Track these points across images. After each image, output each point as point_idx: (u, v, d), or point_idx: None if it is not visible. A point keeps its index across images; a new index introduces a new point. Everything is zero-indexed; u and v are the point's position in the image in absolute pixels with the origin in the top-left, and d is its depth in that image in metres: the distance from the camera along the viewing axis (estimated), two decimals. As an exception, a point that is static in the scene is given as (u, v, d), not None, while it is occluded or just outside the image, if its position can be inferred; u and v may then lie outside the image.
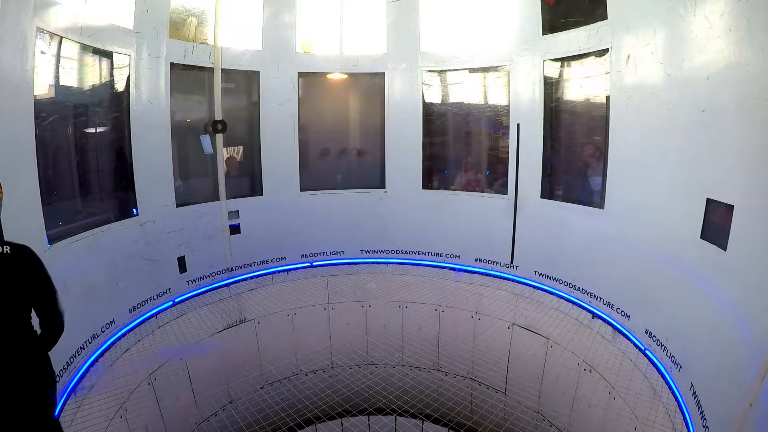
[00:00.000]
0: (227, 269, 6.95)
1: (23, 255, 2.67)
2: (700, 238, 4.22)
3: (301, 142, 7.40)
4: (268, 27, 6.93)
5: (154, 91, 5.86)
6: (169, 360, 5.83)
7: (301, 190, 7.51)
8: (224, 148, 6.80)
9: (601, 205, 5.75)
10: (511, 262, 7.01)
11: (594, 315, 5.87)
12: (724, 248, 3.89)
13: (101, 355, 5.13)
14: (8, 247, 2.62)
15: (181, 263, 6.39)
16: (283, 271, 7.46)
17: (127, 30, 5.44)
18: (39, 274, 2.72)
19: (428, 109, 7.53)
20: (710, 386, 4.00)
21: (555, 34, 6.12)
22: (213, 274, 6.82)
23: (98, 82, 5.37)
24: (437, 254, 7.67)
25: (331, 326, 7.65)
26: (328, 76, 7.70)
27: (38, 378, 2.72)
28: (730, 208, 3.81)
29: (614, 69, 5.37)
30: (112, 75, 5.46)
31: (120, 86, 5.55)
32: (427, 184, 7.66)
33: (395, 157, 7.62)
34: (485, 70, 7.14)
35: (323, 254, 7.75)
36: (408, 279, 7.71)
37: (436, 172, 7.83)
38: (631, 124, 5.21)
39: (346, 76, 7.74)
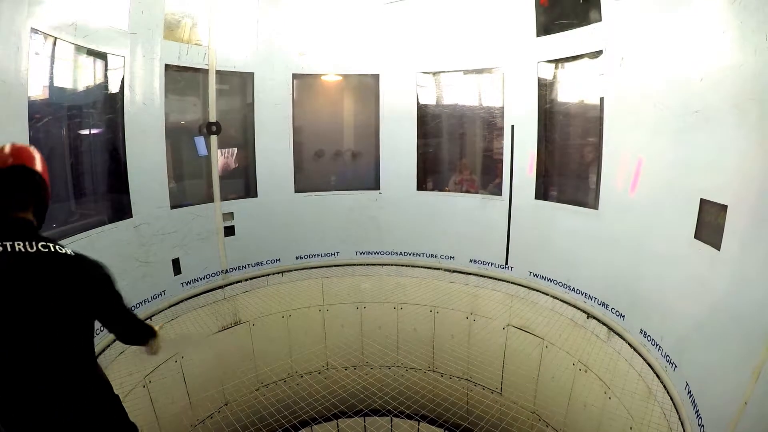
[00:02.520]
0: (222, 271, 6.92)
1: (85, 259, 2.38)
2: (694, 238, 4.24)
3: (296, 144, 7.40)
4: (262, 29, 6.93)
5: (148, 93, 5.83)
6: (164, 362, 5.82)
7: (295, 192, 7.51)
8: (218, 150, 6.79)
9: (595, 206, 5.77)
10: (506, 263, 7.03)
11: (588, 315, 5.90)
12: (718, 248, 3.91)
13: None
14: (70, 250, 2.30)
15: (176, 265, 6.36)
16: (278, 272, 7.45)
17: (121, 31, 5.41)
18: (105, 278, 2.48)
19: (423, 111, 7.55)
20: (705, 385, 4.02)
21: (549, 35, 6.15)
22: (207, 276, 6.80)
23: (92, 83, 5.35)
24: (432, 255, 7.68)
25: (326, 328, 7.65)
26: (322, 77, 7.71)
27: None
28: (724, 208, 3.84)
29: (608, 71, 5.41)
30: (106, 76, 5.43)
31: (114, 87, 5.53)
32: (421, 185, 7.66)
33: (390, 159, 7.63)
34: (479, 71, 7.16)
35: (318, 256, 7.74)
36: (403, 280, 7.71)
37: (431, 173, 7.84)
38: (625, 125, 5.24)
39: (341, 77, 7.75)
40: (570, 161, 6.51)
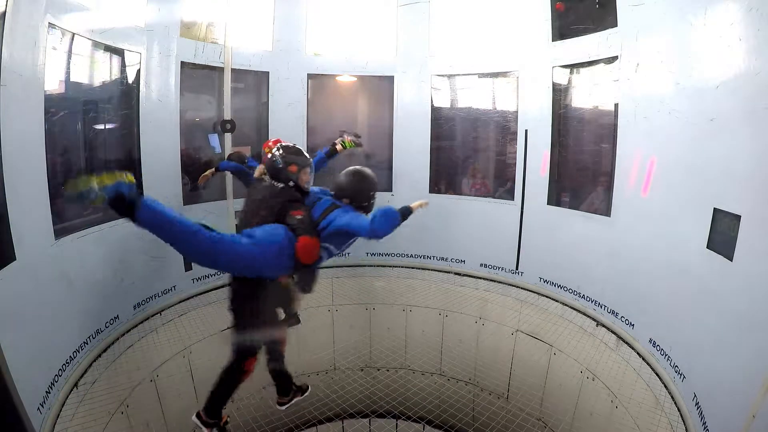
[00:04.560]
0: (232, 268, 6.95)
1: None
2: (707, 248, 4.19)
3: (310, 144, 7.42)
4: (278, 28, 6.98)
5: (163, 90, 5.90)
6: (172, 357, 5.86)
7: (308, 191, 7.52)
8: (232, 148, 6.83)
9: (607, 213, 5.73)
10: (517, 268, 6.99)
11: (598, 323, 5.85)
12: (731, 259, 3.86)
13: (105, 350, 5.15)
14: None
15: (187, 261, 6.41)
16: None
17: (138, 28, 5.49)
18: None
19: (437, 114, 7.53)
20: (713, 397, 3.98)
21: (564, 40, 6.12)
22: (218, 273, 6.83)
23: (108, 79, 5.41)
24: (442, 258, 7.66)
25: (335, 328, 7.65)
26: (337, 78, 7.73)
27: None
28: (737, 218, 3.79)
29: (623, 77, 5.36)
30: (122, 72, 5.50)
31: (130, 84, 5.59)
32: (434, 188, 7.65)
33: (403, 161, 7.62)
34: (494, 75, 7.14)
35: (328, 255, 7.74)
36: (413, 283, 7.70)
37: (443, 176, 7.82)
38: (639, 133, 5.19)
39: (356, 78, 7.77)
40: (583, 167, 6.46)
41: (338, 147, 5.90)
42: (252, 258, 3.44)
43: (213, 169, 5.94)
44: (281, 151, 4.03)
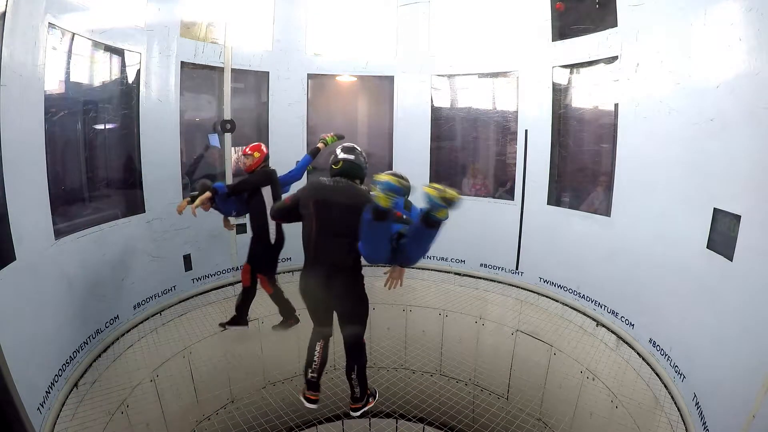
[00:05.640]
0: (233, 268, 6.96)
1: None
2: (707, 248, 4.19)
3: (310, 144, 7.41)
4: (278, 28, 6.98)
5: (163, 90, 5.91)
6: (172, 357, 5.86)
7: (308, 192, 7.51)
8: (232, 148, 6.84)
9: (607, 213, 5.73)
10: (517, 268, 6.99)
11: (598, 323, 5.85)
12: (731, 258, 3.86)
13: (105, 350, 5.15)
14: None
15: (187, 261, 6.42)
16: (288, 271, 7.45)
17: (138, 28, 5.49)
18: None
19: (436, 114, 7.54)
20: (713, 397, 3.97)
21: (564, 40, 6.12)
22: (218, 273, 6.84)
23: (108, 79, 5.42)
24: (442, 258, 7.66)
25: (335, 328, 7.63)
26: (337, 78, 7.73)
27: None
28: (737, 218, 3.79)
29: (623, 77, 5.36)
30: (122, 72, 5.51)
31: (130, 84, 5.60)
32: (433, 188, 7.62)
33: (403, 161, 7.60)
34: (494, 75, 7.14)
35: (328, 256, 7.72)
36: (412, 283, 7.67)
37: (443, 176, 7.80)
38: (639, 133, 5.19)
39: (356, 78, 7.77)
40: (583, 167, 6.46)
41: (320, 146, 5.94)
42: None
43: (208, 194, 5.16)
44: (363, 155, 4.27)
